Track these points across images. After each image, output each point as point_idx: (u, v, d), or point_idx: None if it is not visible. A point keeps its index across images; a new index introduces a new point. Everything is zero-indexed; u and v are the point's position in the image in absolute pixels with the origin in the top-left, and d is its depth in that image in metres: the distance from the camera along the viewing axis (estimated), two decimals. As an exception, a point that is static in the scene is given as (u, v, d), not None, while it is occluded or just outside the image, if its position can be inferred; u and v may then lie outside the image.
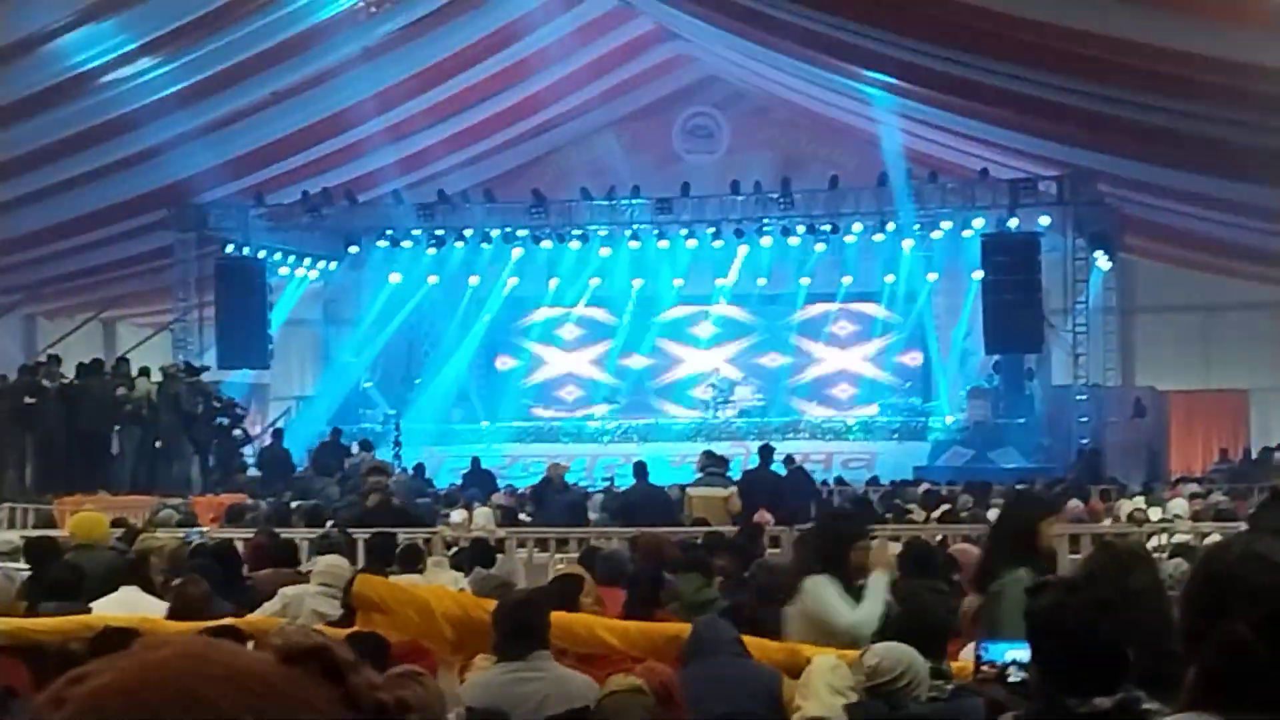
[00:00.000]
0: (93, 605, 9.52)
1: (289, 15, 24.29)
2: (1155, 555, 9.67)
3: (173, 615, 8.97)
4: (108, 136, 25.58)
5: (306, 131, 28.91)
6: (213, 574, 10.30)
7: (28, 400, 23.99)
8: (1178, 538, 13.61)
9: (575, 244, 33.32)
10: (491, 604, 8.00)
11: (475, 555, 12.82)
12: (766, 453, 21.04)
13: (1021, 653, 4.56)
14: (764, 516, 16.19)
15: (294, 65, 26.14)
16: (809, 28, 24.26)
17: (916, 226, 31.96)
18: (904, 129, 30.90)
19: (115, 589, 10.03)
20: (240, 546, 13.04)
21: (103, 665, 1.16)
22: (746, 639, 7.98)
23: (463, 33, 27.86)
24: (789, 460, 22.71)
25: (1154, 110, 22.71)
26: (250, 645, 1.27)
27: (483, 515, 17.22)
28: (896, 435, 33.71)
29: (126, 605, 9.75)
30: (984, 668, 5.26)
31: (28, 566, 11.22)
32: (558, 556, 14.57)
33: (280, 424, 34.11)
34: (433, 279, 35.73)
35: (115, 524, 13.20)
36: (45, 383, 24.44)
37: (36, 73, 22.69)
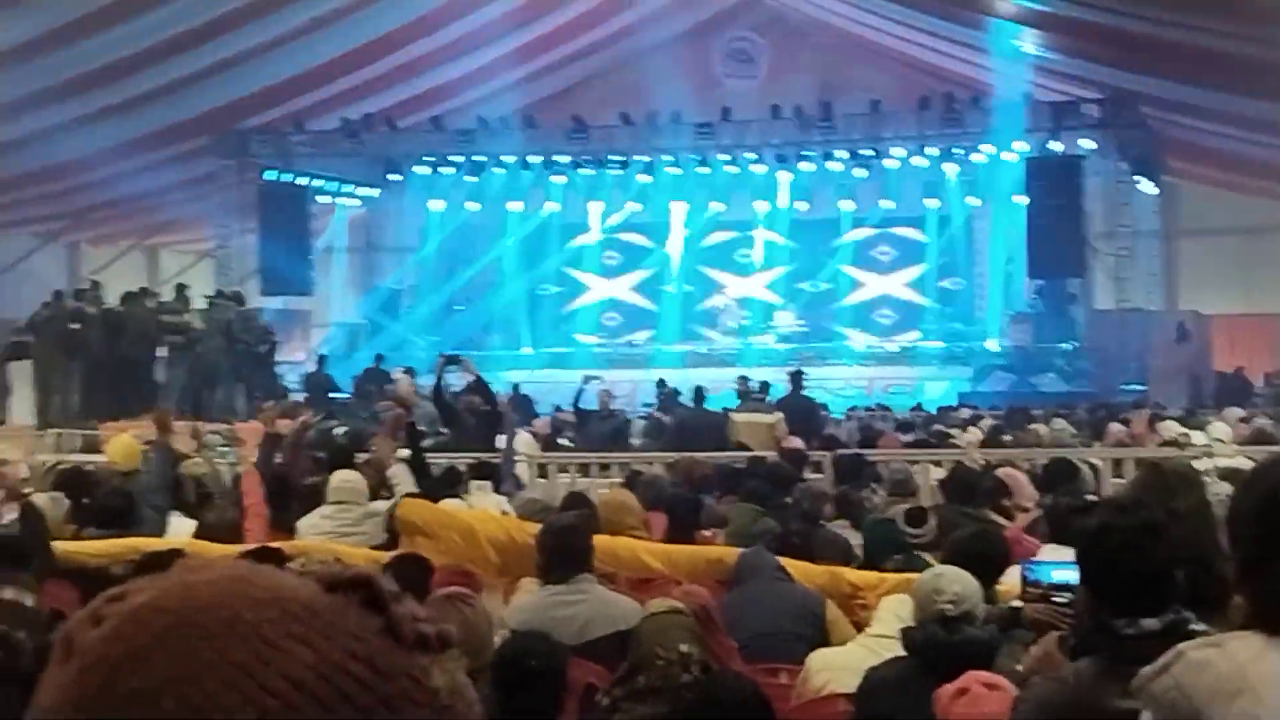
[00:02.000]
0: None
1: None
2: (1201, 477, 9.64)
3: (208, 539, 9.01)
4: (149, 63, 25.57)
5: (347, 58, 28.85)
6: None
7: (71, 326, 24.08)
8: (1220, 461, 13.53)
9: (615, 170, 33.23)
10: (536, 528, 8.03)
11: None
12: (798, 378, 21.02)
13: (1069, 574, 4.55)
14: (794, 442, 16.12)
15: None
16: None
17: (958, 151, 31.77)
18: (946, 51, 30.69)
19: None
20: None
21: (143, 584, 1.16)
22: (791, 562, 8.00)
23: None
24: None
25: (1197, 31, 22.50)
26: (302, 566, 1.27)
27: (524, 441, 17.22)
28: (938, 361, 33.61)
29: (170, 530, 9.84)
30: (1030, 589, 5.25)
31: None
32: (599, 481, 14.58)
33: (323, 350, 34.21)
34: (473, 205, 35.72)
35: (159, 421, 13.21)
36: (89, 309, 24.53)
37: (76, 1, 22.69)
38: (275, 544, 8.24)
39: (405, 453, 12.38)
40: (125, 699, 1.09)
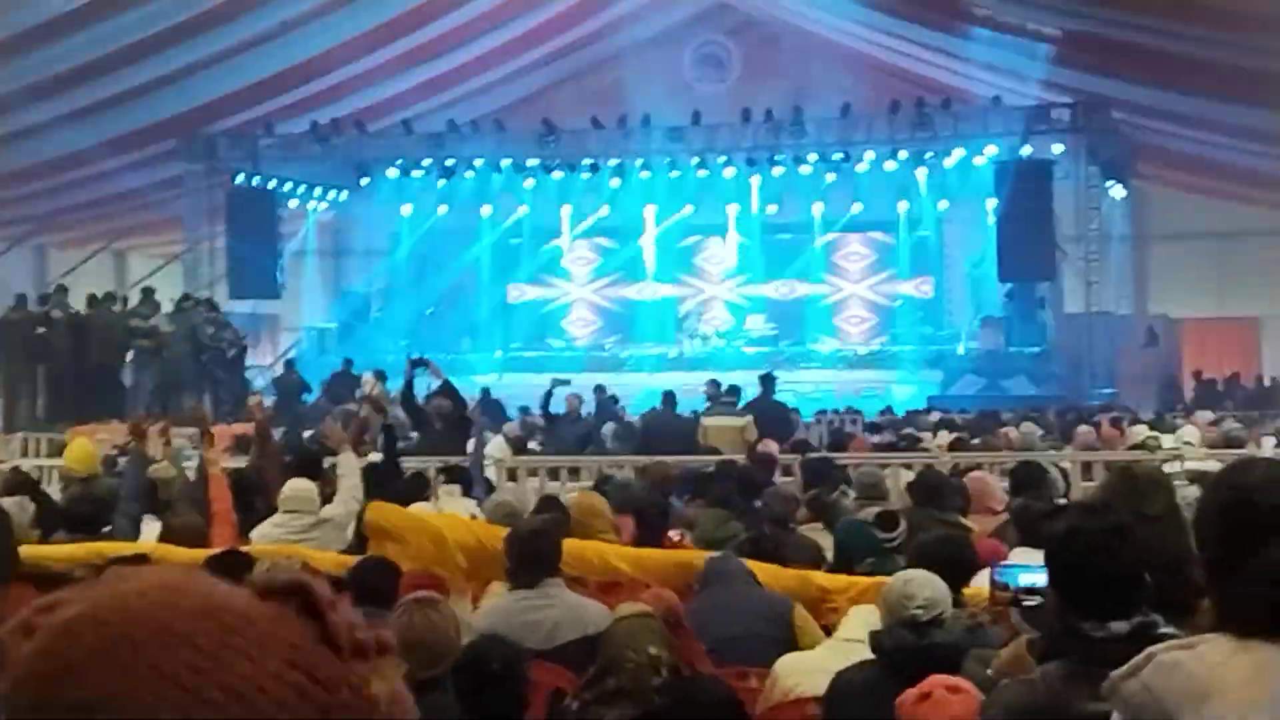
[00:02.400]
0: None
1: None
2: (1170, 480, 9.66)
3: (172, 542, 8.96)
4: (117, 67, 25.47)
5: (316, 61, 28.77)
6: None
7: (38, 330, 24.00)
8: (1189, 464, 13.57)
9: (586, 174, 33.25)
10: (505, 532, 8.02)
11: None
12: (769, 382, 21.04)
13: (1038, 577, 4.54)
14: (770, 446, 16.15)
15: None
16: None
17: (929, 154, 31.83)
18: (917, 55, 30.76)
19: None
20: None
21: (74, 595, 1.13)
22: (760, 565, 7.99)
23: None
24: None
25: (1167, 36, 22.58)
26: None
27: (496, 445, 17.20)
28: (908, 364, 33.66)
29: (144, 536, 9.80)
30: (999, 592, 5.24)
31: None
32: (569, 485, 14.56)
33: (291, 354, 34.15)
34: (443, 209, 35.71)
35: (124, 452, 13.15)
36: (55, 313, 24.44)
37: (46, 3, 22.59)
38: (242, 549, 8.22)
39: (376, 456, 12.36)
40: (59, 712, 1.06)
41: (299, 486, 10.10)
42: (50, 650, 1.08)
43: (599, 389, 24.87)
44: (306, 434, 20.08)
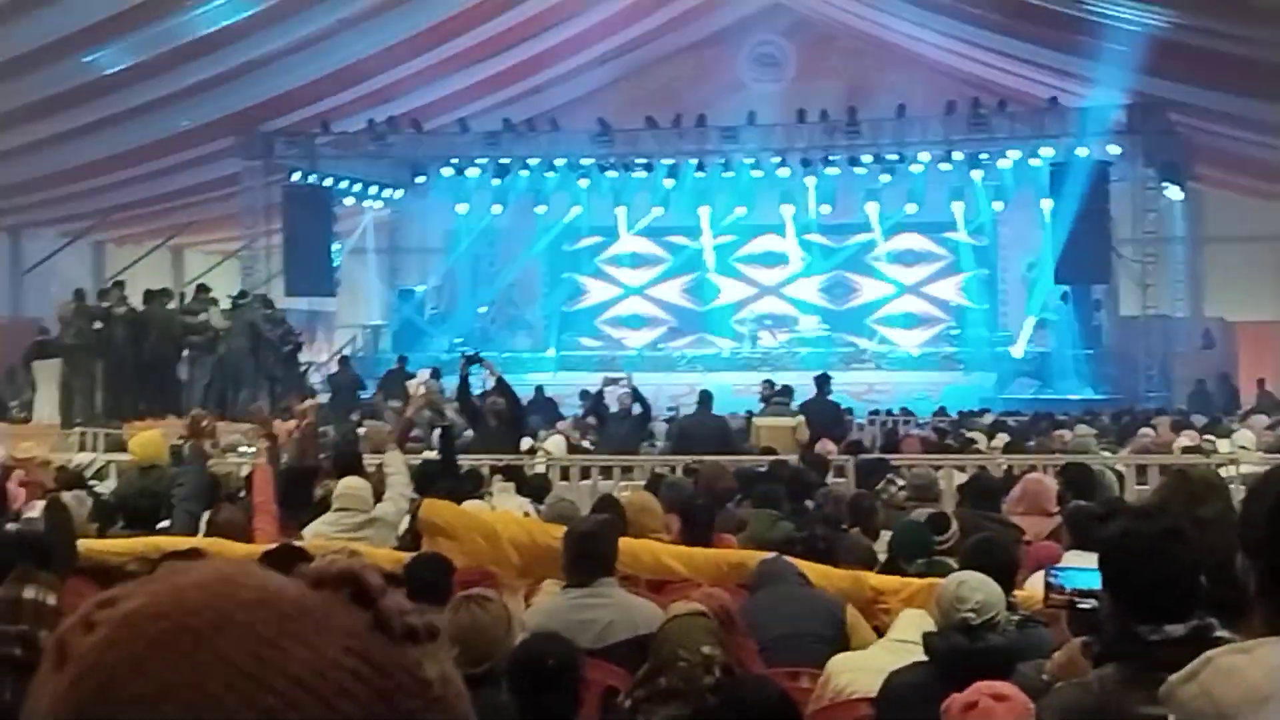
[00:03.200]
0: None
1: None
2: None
3: (224, 536, 9.01)
4: (177, 63, 25.62)
5: (372, 60, 28.88)
6: (284, 498, 10.36)
7: (96, 326, 24.16)
8: (1245, 469, 13.50)
9: (640, 173, 33.25)
10: (558, 530, 8.03)
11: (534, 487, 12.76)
12: (823, 382, 21.00)
13: (1093, 579, 4.53)
14: (827, 446, 16.17)
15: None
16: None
17: (984, 156, 31.70)
18: (972, 56, 30.66)
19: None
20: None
21: (133, 589, 1.15)
22: (812, 566, 7.98)
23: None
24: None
25: (1223, 37, 22.43)
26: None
27: (554, 444, 17.25)
28: (963, 366, 33.56)
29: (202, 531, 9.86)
30: (1054, 595, 5.23)
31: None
32: (621, 484, 14.58)
33: (346, 351, 34.30)
34: (498, 208, 35.78)
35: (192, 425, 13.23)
36: (113, 309, 24.60)
37: (101, 3, 22.73)
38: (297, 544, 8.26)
39: (428, 454, 12.40)
40: (123, 705, 1.08)
41: (352, 484, 10.14)
42: (112, 643, 1.10)
43: (583, 394, 24.81)
44: (361, 430, 20.19)
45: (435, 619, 1.19)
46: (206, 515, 9.94)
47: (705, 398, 20.39)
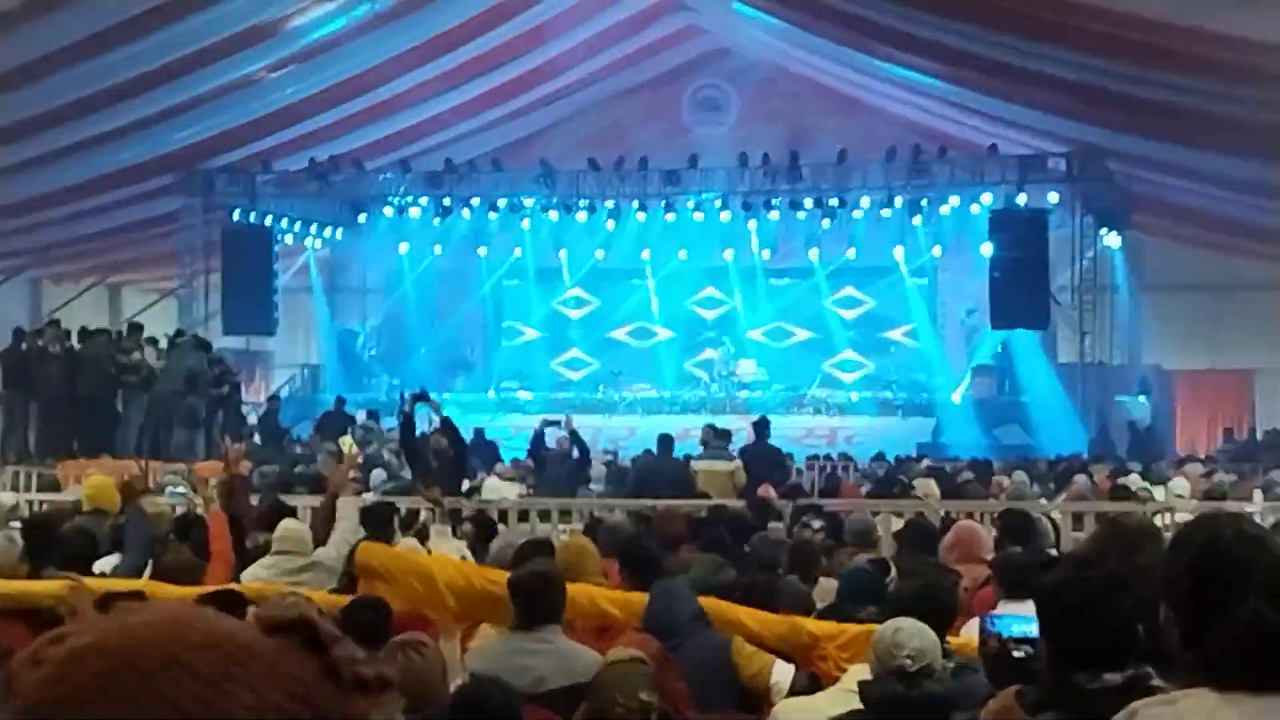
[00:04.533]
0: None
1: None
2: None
3: (162, 579, 8.94)
4: (115, 101, 25.51)
5: (314, 99, 28.86)
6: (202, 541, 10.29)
7: (32, 364, 24.01)
8: (1180, 516, 13.59)
9: (582, 215, 33.29)
10: (495, 574, 8.00)
11: (480, 529, 12.73)
12: (762, 426, 21.06)
13: (1029, 627, 4.53)
14: (768, 491, 16.20)
15: (301, 30, 26.04)
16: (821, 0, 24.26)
17: (924, 202, 31.88)
18: (914, 103, 30.87)
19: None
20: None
21: (81, 626, 1.14)
22: (750, 612, 7.97)
23: (470, 2, 27.76)
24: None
25: (1163, 87, 22.65)
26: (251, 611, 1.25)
27: (492, 485, 17.22)
28: (901, 411, 33.67)
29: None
30: (989, 641, 5.23)
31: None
32: (561, 527, 14.55)
33: (283, 392, 34.18)
34: (439, 248, 35.78)
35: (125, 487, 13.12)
36: (48, 346, 24.44)
37: (44, 36, 22.61)
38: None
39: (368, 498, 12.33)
40: None
41: (291, 527, 10.09)
42: (57, 678, 1.10)
43: (545, 422, 24.90)
44: (296, 469, 20.11)
45: (388, 670, 1.17)
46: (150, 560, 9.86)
47: (665, 441, 20.45)
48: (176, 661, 1.09)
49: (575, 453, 20.84)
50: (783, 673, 7.46)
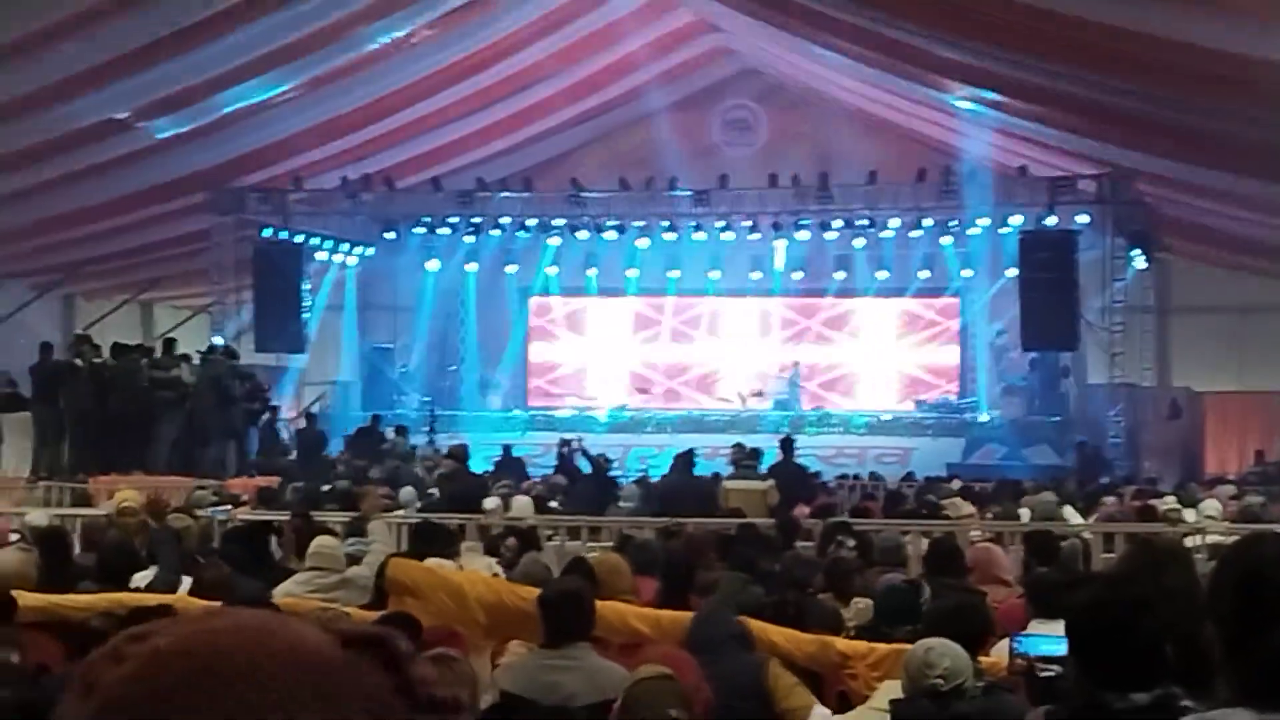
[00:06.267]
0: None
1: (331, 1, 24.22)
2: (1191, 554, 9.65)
3: (197, 594, 8.98)
4: (148, 118, 25.65)
5: (346, 117, 28.97)
6: (241, 556, 10.34)
7: (64, 379, 24.10)
8: (1211, 538, 13.56)
9: (612, 234, 33.30)
10: (525, 590, 8.02)
11: (521, 544, 12.70)
12: (788, 445, 21.05)
13: (1057, 647, 4.55)
14: (802, 511, 16.24)
15: (335, 51, 26.13)
16: (853, 23, 24.26)
17: (954, 223, 31.86)
18: (944, 124, 30.86)
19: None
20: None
21: (164, 627, 1.17)
22: (780, 630, 7.98)
23: (502, 22, 27.86)
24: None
25: (1193, 110, 22.62)
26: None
27: (521, 504, 17.22)
28: (930, 431, 33.60)
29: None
30: (1018, 661, 5.25)
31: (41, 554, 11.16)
32: (590, 545, 14.56)
33: (314, 408, 34.25)
34: (470, 266, 35.83)
35: (150, 504, 13.18)
36: (80, 362, 24.54)
37: (78, 55, 22.73)
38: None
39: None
40: None
41: (326, 544, 10.13)
42: (139, 676, 1.12)
43: (563, 442, 24.99)
44: (325, 488, 20.16)
45: (460, 694, 1.21)
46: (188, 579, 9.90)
47: (686, 458, 20.46)
48: (259, 669, 1.12)
49: (590, 469, 20.89)
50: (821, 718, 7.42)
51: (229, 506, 16.11)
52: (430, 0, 25.97)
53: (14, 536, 12.00)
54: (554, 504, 19.59)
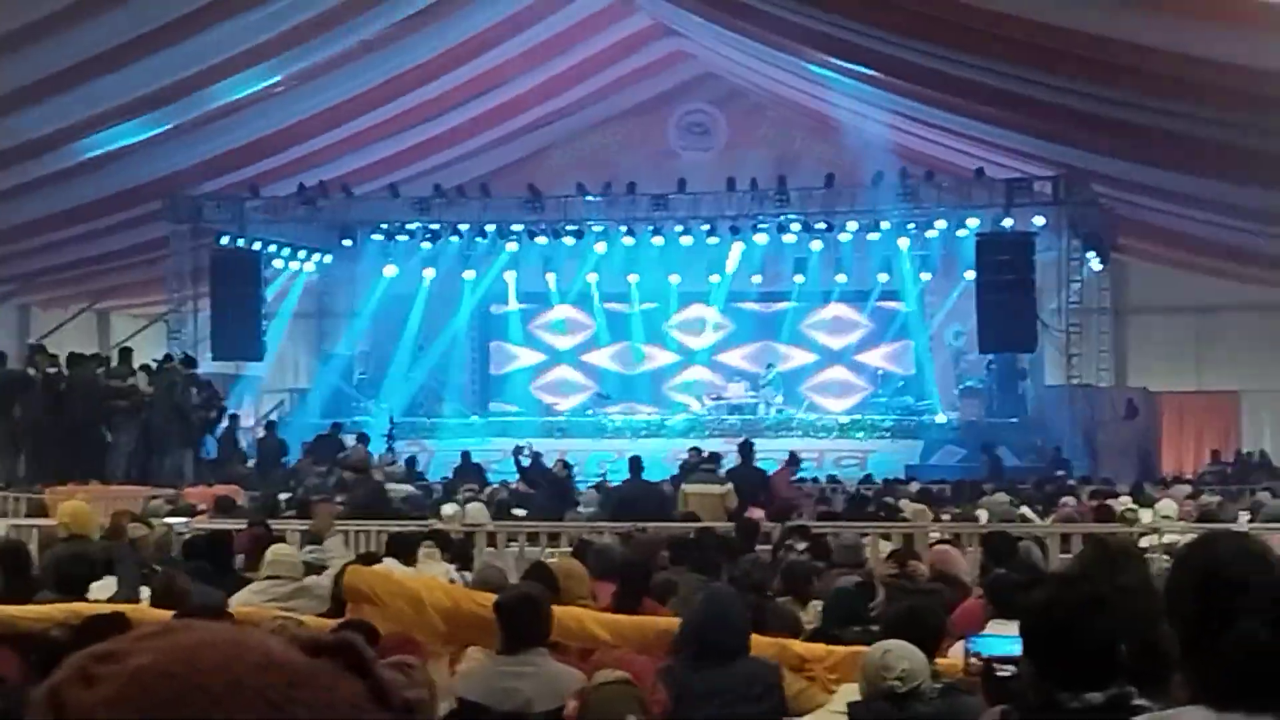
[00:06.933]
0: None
1: (288, 6, 24.13)
2: (1147, 554, 9.70)
3: (155, 605, 8.92)
4: (103, 127, 25.53)
5: (302, 124, 28.90)
6: (201, 565, 10.29)
7: (18, 390, 23.96)
8: (1167, 538, 13.63)
9: (570, 239, 33.27)
10: (483, 596, 8.00)
11: (458, 551, 12.74)
12: (747, 449, 21.06)
13: (1013, 647, 4.56)
14: (756, 514, 16.22)
15: (290, 58, 26.07)
16: (804, 24, 24.30)
17: (911, 225, 31.95)
18: (900, 127, 30.94)
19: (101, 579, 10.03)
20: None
21: (134, 645, 1.15)
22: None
23: (460, 27, 27.83)
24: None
25: (1148, 111, 22.74)
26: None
27: (476, 510, 17.20)
28: (889, 434, 33.61)
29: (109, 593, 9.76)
30: (974, 661, 5.26)
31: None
32: (549, 550, 14.55)
33: (274, 416, 34.13)
34: (428, 272, 35.72)
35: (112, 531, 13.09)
36: (35, 372, 24.40)
37: (33, 63, 22.63)
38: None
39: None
40: None
41: (282, 552, 10.09)
42: (122, 699, 1.10)
43: (518, 449, 24.97)
44: (284, 496, 20.11)
45: (418, 694, 1.21)
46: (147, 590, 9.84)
47: (635, 463, 20.45)
48: (241, 683, 1.11)
49: (540, 476, 20.89)
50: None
51: (186, 520, 16.02)
52: (387, 6, 25.91)
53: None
54: (518, 510, 19.56)
